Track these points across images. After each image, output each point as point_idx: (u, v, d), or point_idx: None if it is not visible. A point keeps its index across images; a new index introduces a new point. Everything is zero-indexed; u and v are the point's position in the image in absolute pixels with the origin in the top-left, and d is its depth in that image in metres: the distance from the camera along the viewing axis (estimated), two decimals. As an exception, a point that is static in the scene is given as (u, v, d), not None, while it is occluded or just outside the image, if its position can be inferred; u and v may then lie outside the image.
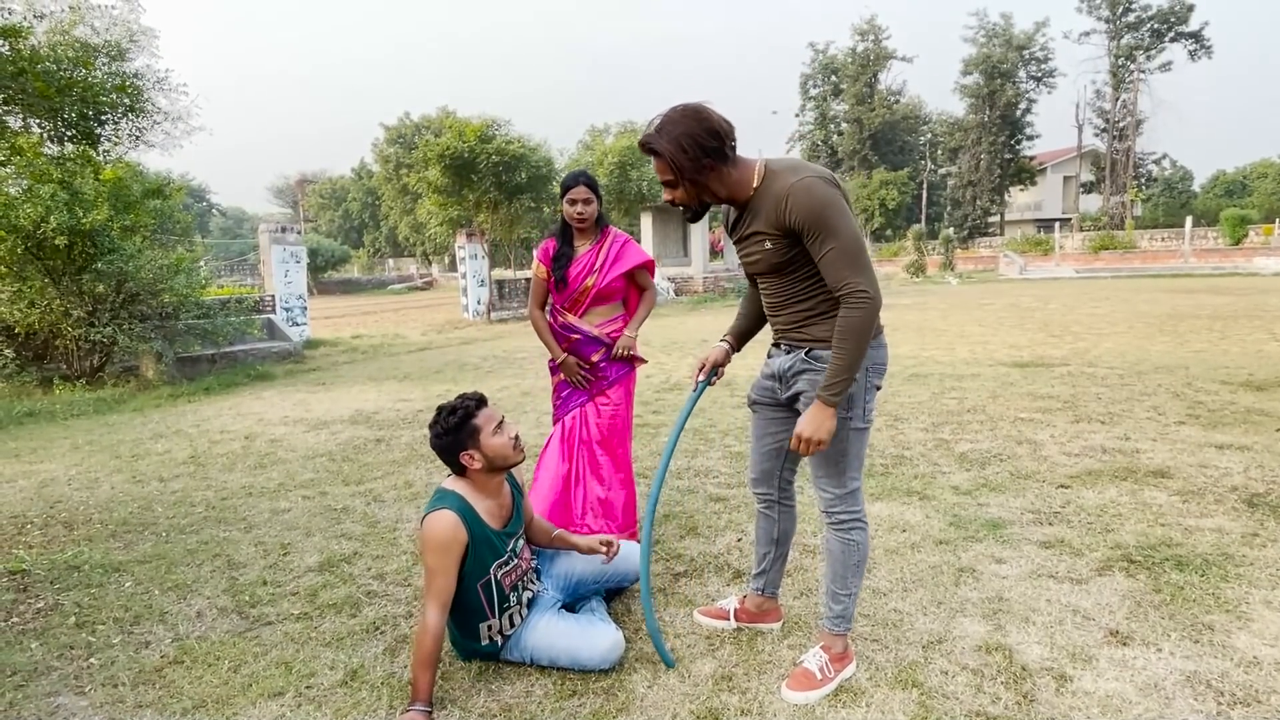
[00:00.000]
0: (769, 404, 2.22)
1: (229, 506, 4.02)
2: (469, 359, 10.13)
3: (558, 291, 3.05)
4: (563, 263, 3.02)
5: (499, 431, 2.15)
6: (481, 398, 2.20)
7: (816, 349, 2.03)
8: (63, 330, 7.73)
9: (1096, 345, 8.73)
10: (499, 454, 2.14)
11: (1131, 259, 29.66)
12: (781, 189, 1.85)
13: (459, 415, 2.12)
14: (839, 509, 2.09)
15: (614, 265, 3.02)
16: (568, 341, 3.06)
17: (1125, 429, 4.82)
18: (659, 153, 1.89)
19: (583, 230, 3.02)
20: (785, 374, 2.12)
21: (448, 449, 2.14)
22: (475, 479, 2.17)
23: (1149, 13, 38.22)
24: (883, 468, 4.20)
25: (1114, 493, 3.62)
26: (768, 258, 1.97)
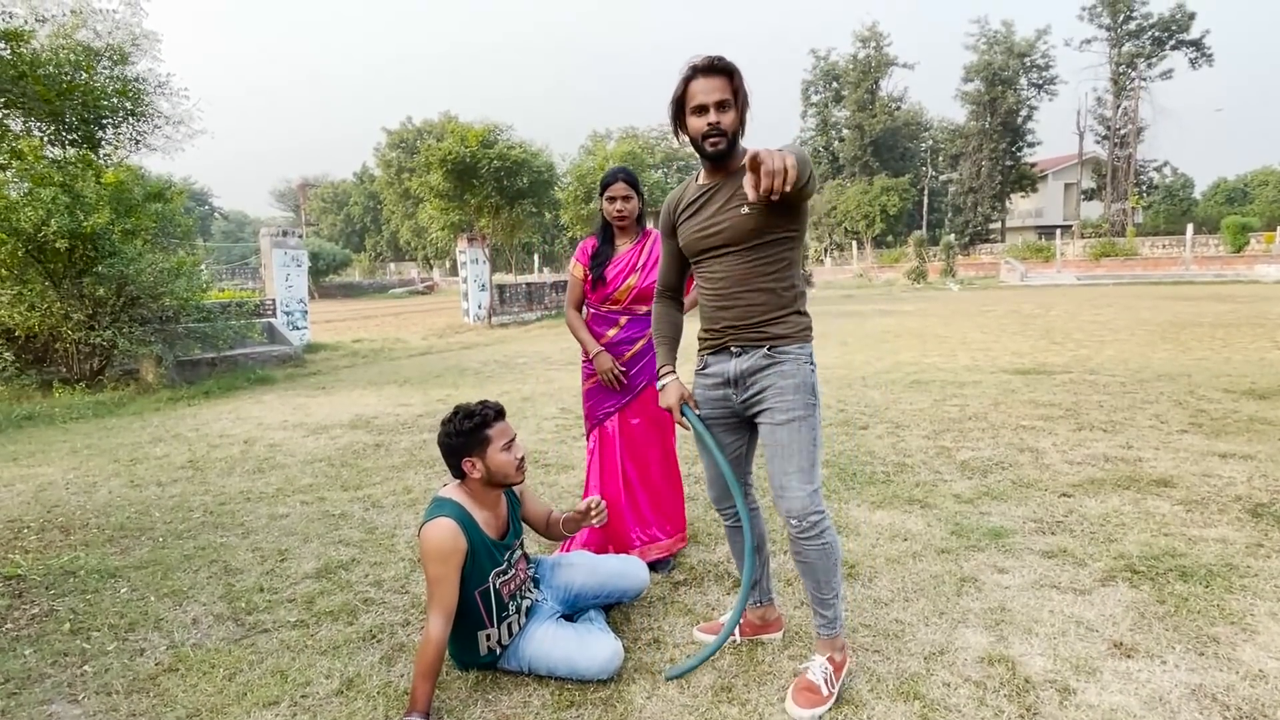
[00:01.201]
0: (720, 416, 2.15)
1: (227, 511, 4.00)
2: (469, 364, 10.11)
3: (594, 291, 2.95)
4: (601, 260, 2.92)
5: (508, 450, 2.13)
6: (501, 410, 2.19)
7: (779, 344, 2.00)
8: (63, 333, 7.72)
9: (1098, 352, 8.71)
10: (501, 470, 2.12)
11: (1133, 266, 29.64)
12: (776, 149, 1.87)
13: (474, 420, 2.11)
14: (810, 508, 1.97)
15: (658, 263, 2.93)
16: (601, 341, 2.96)
17: (1128, 437, 4.80)
18: (731, 71, 1.92)
19: (623, 229, 2.94)
20: (742, 376, 2.04)
21: (453, 450, 2.13)
22: (473, 488, 2.16)
23: (1150, 21, 38.31)
24: (884, 475, 4.17)
25: (1117, 502, 3.60)
26: (740, 225, 1.94)
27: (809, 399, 2.01)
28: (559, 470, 4.54)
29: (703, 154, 1.99)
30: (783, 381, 2.00)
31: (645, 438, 2.97)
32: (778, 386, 2.00)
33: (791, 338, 2.02)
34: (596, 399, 3.01)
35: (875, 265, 37.77)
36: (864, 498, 3.80)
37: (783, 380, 2.00)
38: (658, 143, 42.94)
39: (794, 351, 2.02)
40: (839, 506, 3.68)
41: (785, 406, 2.00)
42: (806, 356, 2.04)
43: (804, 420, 1.99)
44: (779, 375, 2.00)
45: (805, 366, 2.03)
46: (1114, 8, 38.58)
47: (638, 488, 2.97)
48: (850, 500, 3.77)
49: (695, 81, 1.93)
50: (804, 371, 2.02)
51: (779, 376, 2.00)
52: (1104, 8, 38.99)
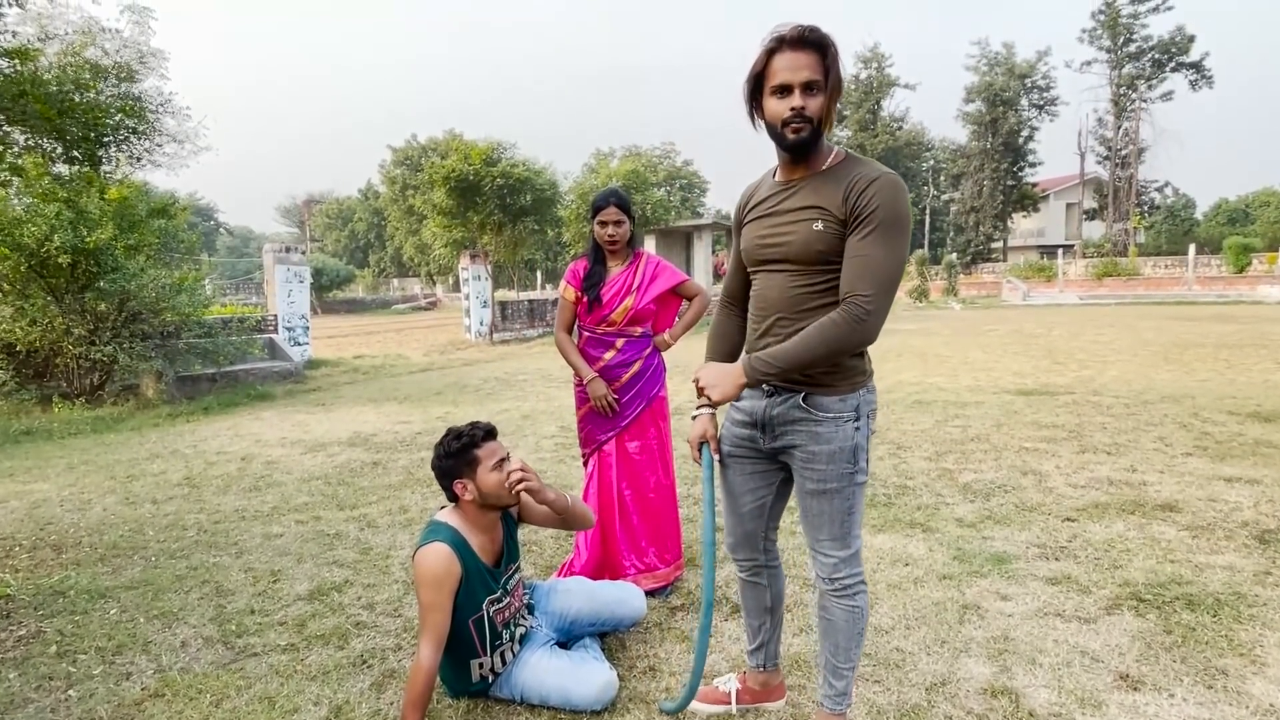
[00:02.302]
0: (747, 456, 1.90)
1: (221, 530, 3.96)
2: (470, 381, 10.09)
3: (589, 313, 2.90)
4: (595, 281, 2.87)
5: (499, 469, 2.08)
6: (491, 430, 2.15)
7: (816, 394, 1.73)
8: (63, 349, 7.72)
9: (1101, 373, 8.67)
10: (492, 491, 2.08)
11: (1135, 286, 29.66)
12: (870, 172, 1.62)
13: (462, 441, 2.07)
14: (843, 574, 1.80)
15: (651, 284, 2.89)
16: (597, 365, 2.91)
17: (1132, 460, 4.75)
18: (825, 45, 1.59)
19: (614, 252, 2.89)
20: (772, 423, 1.80)
21: (445, 473, 2.10)
22: (468, 511, 2.12)
23: (1150, 43, 38.61)
24: (885, 498, 4.13)
25: (1121, 527, 3.55)
26: (809, 242, 1.65)
27: (847, 468, 1.73)
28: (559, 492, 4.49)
29: (781, 144, 1.67)
30: (815, 447, 1.73)
31: (643, 463, 2.92)
32: (809, 451, 1.74)
33: (834, 387, 1.72)
34: (593, 424, 2.96)
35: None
36: (866, 520, 3.75)
37: (816, 445, 1.73)
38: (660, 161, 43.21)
39: (834, 407, 1.72)
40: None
41: (817, 477, 1.75)
42: (851, 413, 1.72)
43: (838, 493, 1.74)
44: (812, 438, 1.73)
45: (848, 426, 1.72)
46: (1113, 30, 38.91)
47: (634, 514, 2.92)
48: (851, 523, 3.72)
49: (780, 55, 1.60)
50: (844, 434, 1.72)
51: (812, 440, 1.73)
52: (1104, 30, 39.33)
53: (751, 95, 1.69)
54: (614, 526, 2.90)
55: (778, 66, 1.60)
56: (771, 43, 1.62)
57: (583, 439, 3.03)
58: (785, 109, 1.62)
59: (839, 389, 1.72)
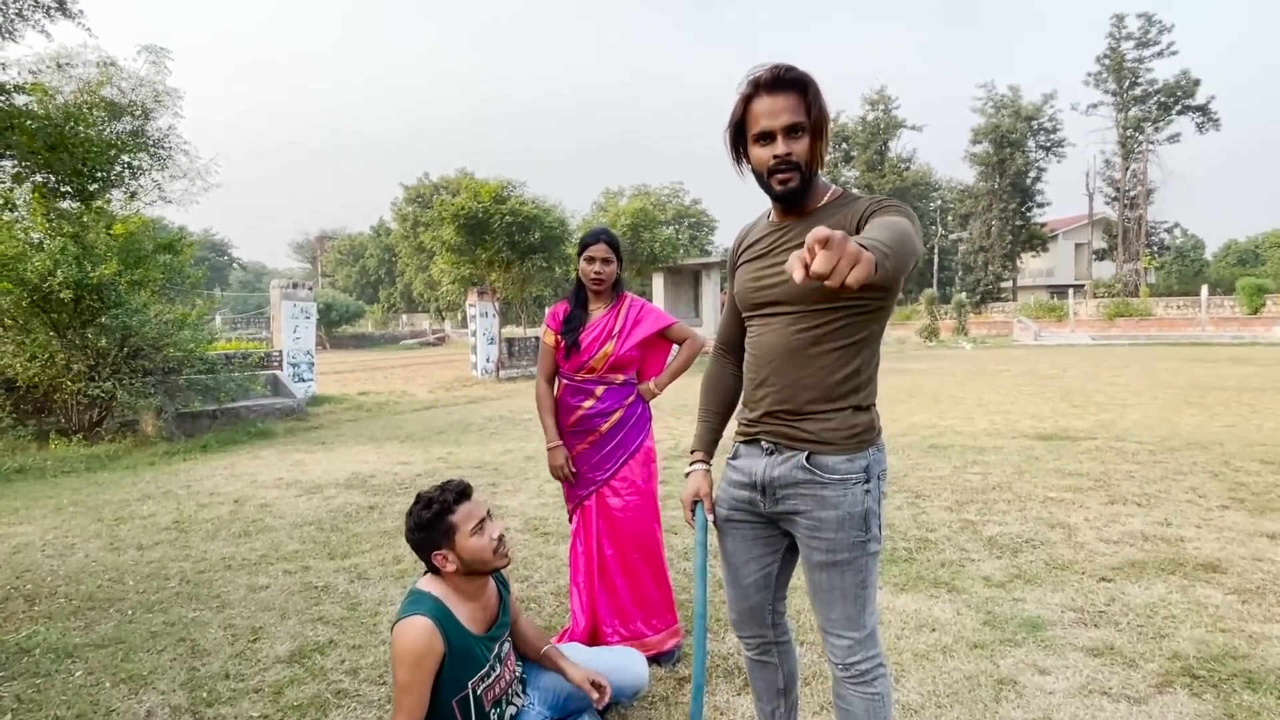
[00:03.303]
0: (747, 521, 1.72)
1: (204, 581, 3.76)
2: (474, 419, 9.91)
3: (567, 359, 2.74)
4: (574, 325, 2.72)
5: (479, 532, 1.89)
6: (463, 490, 1.95)
7: (821, 454, 1.55)
8: (63, 384, 7.61)
9: (1122, 417, 8.41)
10: (476, 557, 1.89)
11: (1148, 326, 29.38)
12: (870, 198, 1.52)
13: (434, 510, 1.88)
14: (859, 657, 1.61)
15: (634, 329, 2.72)
16: (576, 414, 2.72)
17: (1165, 513, 4.50)
18: (804, 84, 1.48)
19: (599, 293, 2.74)
20: (772, 485, 1.63)
21: (420, 546, 1.91)
22: (453, 580, 1.93)
23: (1155, 87, 38.91)
24: (906, 553, 3.89)
25: (1162, 589, 3.30)
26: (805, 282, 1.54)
27: (858, 535, 1.56)
28: (559, 540, 4.28)
29: (770, 194, 1.58)
30: (822, 513, 1.56)
31: (626, 519, 2.71)
32: (815, 518, 1.57)
33: (840, 445, 1.55)
34: (575, 478, 2.77)
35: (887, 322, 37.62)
36: (887, 579, 3.52)
37: (822, 511, 1.56)
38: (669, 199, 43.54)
39: (842, 469, 1.55)
40: (859, 588, 3.40)
41: (825, 547, 1.57)
42: (860, 474, 1.56)
43: (850, 564, 1.57)
44: (818, 503, 1.56)
45: (857, 489, 1.55)
46: (1119, 74, 39.29)
47: (616, 576, 2.71)
48: (870, 581, 3.49)
49: (758, 100, 1.51)
50: (854, 498, 1.55)
51: (818, 505, 1.56)
52: (1109, 74, 39.71)
53: (735, 144, 1.59)
54: (596, 590, 2.71)
55: (757, 112, 1.51)
56: (748, 88, 1.53)
57: (566, 493, 2.85)
58: (769, 156, 1.52)
59: (846, 448, 1.55)
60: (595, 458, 2.73)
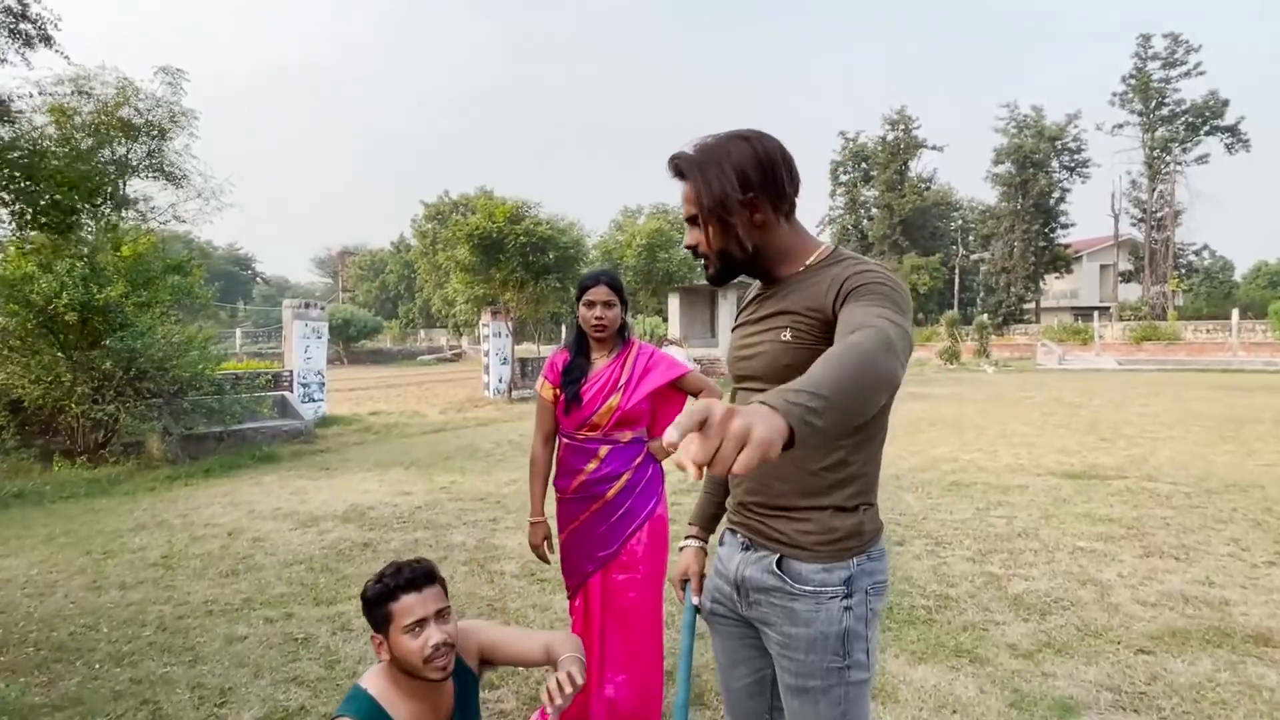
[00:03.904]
0: (730, 618, 1.50)
1: (181, 629, 3.59)
2: (482, 444, 9.74)
3: (567, 415, 2.46)
4: (574, 377, 2.44)
5: (414, 633, 1.62)
6: (416, 577, 1.66)
7: (792, 558, 1.34)
8: (67, 406, 7.54)
9: (1154, 453, 8.05)
10: (404, 659, 1.63)
11: (1176, 351, 28.69)
12: (849, 268, 1.28)
13: (377, 591, 1.65)
14: None
15: (643, 379, 2.44)
16: (577, 478, 2.44)
17: (1205, 569, 4.19)
18: (682, 172, 1.35)
19: (601, 340, 2.47)
20: (745, 586, 1.42)
21: (368, 621, 1.70)
22: (394, 672, 1.68)
23: (1183, 107, 38.36)
24: (925, 613, 3.63)
25: (1209, 665, 3.01)
26: (775, 356, 1.31)
27: (834, 661, 1.31)
28: (555, 587, 4.04)
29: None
30: (791, 628, 1.33)
31: (634, 603, 2.42)
32: (783, 633, 1.34)
33: (813, 551, 1.32)
34: (575, 553, 2.49)
35: (906, 343, 37.13)
36: (903, 644, 3.26)
37: (791, 626, 1.33)
38: (688, 218, 43.51)
39: (815, 579, 1.31)
40: (873, 655, 3.14)
41: (794, 669, 1.34)
42: (837, 587, 1.30)
43: (824, 694, 1.32)
44: (787, 616, 1.34)
45: (832, 605, 1.30)
46: (1145, 94, 38.79)
47: (617, 670, 2.42)
48: (888, 647, 3.23)
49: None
50: (828, 615, 1.30)
51: (786, 618, 1.34)
52: (1135, 94, 39.23)
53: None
54: (593, 686, 2.41)
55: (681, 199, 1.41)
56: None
57: (565, 569, 2.54)
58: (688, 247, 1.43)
59: (820, 555, 1.31)
60: (601, 529, 2.43)
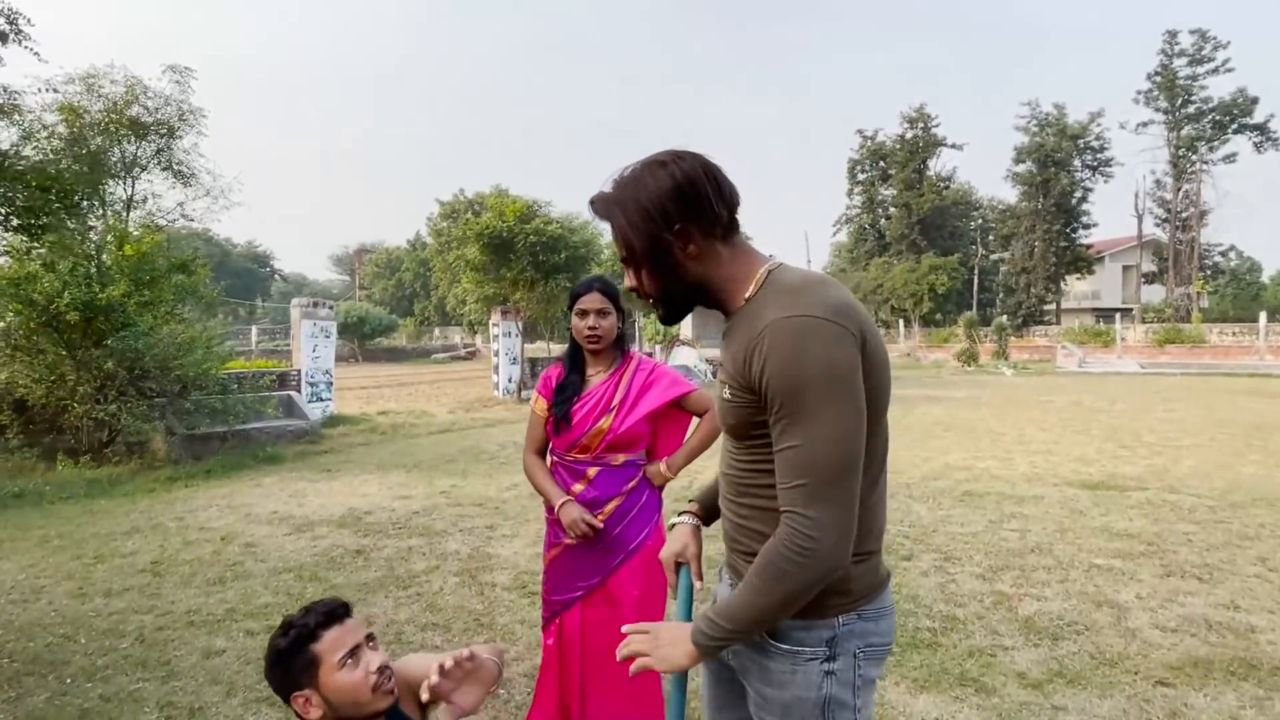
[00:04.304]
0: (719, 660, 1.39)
1: (160, 641, 3.49)
2: (488, 445, 9.64)
3: (557, 434, 2.30)
4: (567, 395, 2.28)
5: (350, 664, 1.43)
6: (333, 611, 1.48)
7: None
8: (71, 405, 7.53)
9: (1176, 462, 7.78)
10: (346, 698, 1.43)
11: (1200, 354, 28.10)
12: (764, 317, 1.12)
13: (290, 639, 1.44)
14: None
15: (640, 399, 2.27)
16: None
17: (1230, 592, 3.97)
18: (606, 218, 1.24)
19: (596, 353, 2.30)
20: None
21: (279, 687, 1.47)
22: None
23: (1210, 105, 37.54)
24: (930, 635, 3.45)
25: (1233, 700, 2.82)
26: (723, 412, 1.25)
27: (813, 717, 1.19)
28: (547, 602, 3.92)
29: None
30: (766, 689, 1.22)
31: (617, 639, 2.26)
32: (760, 693, 1.24)
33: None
34: (555, 579, 2.33)
35: (923, 345, 36.73)
36: (905, 670, 3.09)
37: (766, 686, 1.22)
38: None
39: (793, 637, 1.18)
40: (872, 683, 2.97)
41: None
42: (818, 648, 1.18)
43: None
44: (761, 675, 1.23)
45: (811, 668, 1.18)
46: (1171, 92, 38.01)
47: (594, 712, 2.25)
48: (889, 672, 3.06)
49: None
50: (806, 679, 1.18)
51: (761, 678, 1.23)
52: (1160, 92, 38.46)
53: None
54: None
55: None
56: None
57: (544, 595, 2.37)
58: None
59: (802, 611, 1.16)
60: (584, 558, 2.26)
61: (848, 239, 51.35)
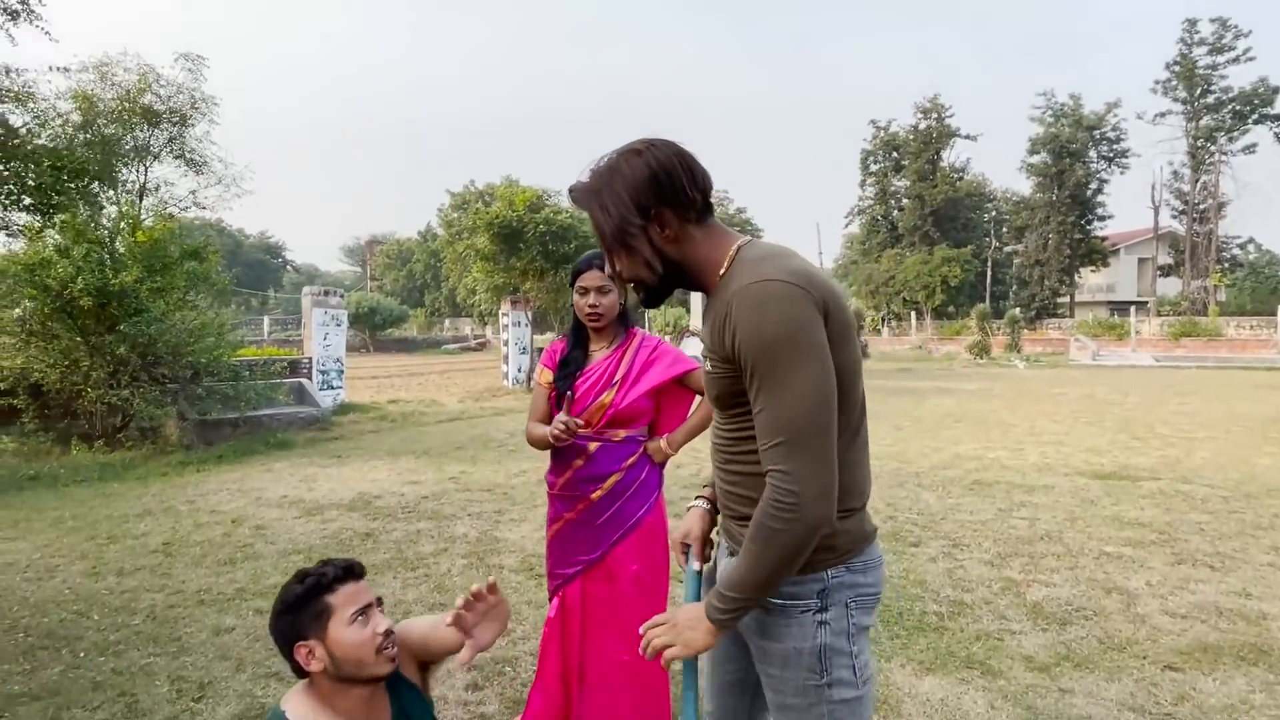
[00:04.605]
0: None
1: (170, 619, 3.53)
2: (496, 434, 9.67)
3: (558, 408, 2.28)
4: (571, 370, 2.29)
5: (360, 622, 1.46)
6: (351, 567, 1.52)
7: None
8: (84, 391, 7.61)
9: (1190, 454, 7.70)
10: (350, 654, 1.45)
11: (1217, 347, 27.74)
12: (728, 296, 1.20)
13: (307, 585, 1.47)
14: None
15: (643, 375, 2.27)
16: (565, 474, 2.27)
17: (1242, 579, 3.94)
18: (583, 206, 1.31)
19: (599, 330, 2.30)
20: None
21: (283, 635, 1.48)
22: (322, 690, 1.49)
23: (1230, 95, 36.92)
24: (937, 619, 3.44)
25: (1242, 684, 2.80)
26: (709, 383, 1.32)
27: (810, 679, 1.24)
28: (553, 584, 3.94)
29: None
30: (765, 642, 1.28)
31: (615, 615, 2.23)
32: (759, 648, 1.29)
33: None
34: (557, 553, 2.33)
35: (935, 337, 36.49)
36: (911, 653, 3.08)
37: (764, 640, 1.28)
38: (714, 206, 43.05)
39: (784, 590, 1.23)
40: (878, 665, 2.97)
41: (771, 684, 1.30)
42: (810, 600, 1.24)
43: (803, 713, 1.26)
44: (760, 629, 1.29)
45: (806, 620, 1.24)
46: (1189, 82, 37.41)
47: (594, 690, 2.25)
48: (895, 655, 3.06)
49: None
50: (801, 630, 1.24)
51: (759, 632, 1.29)
52: (1179, 81, 37.85)
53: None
54: (574, 698, 2.26)
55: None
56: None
57: (548, 567, 2.38)
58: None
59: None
60: (584, 532, 2.25)
61: (860, 230, 50.95)
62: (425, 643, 1.62)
